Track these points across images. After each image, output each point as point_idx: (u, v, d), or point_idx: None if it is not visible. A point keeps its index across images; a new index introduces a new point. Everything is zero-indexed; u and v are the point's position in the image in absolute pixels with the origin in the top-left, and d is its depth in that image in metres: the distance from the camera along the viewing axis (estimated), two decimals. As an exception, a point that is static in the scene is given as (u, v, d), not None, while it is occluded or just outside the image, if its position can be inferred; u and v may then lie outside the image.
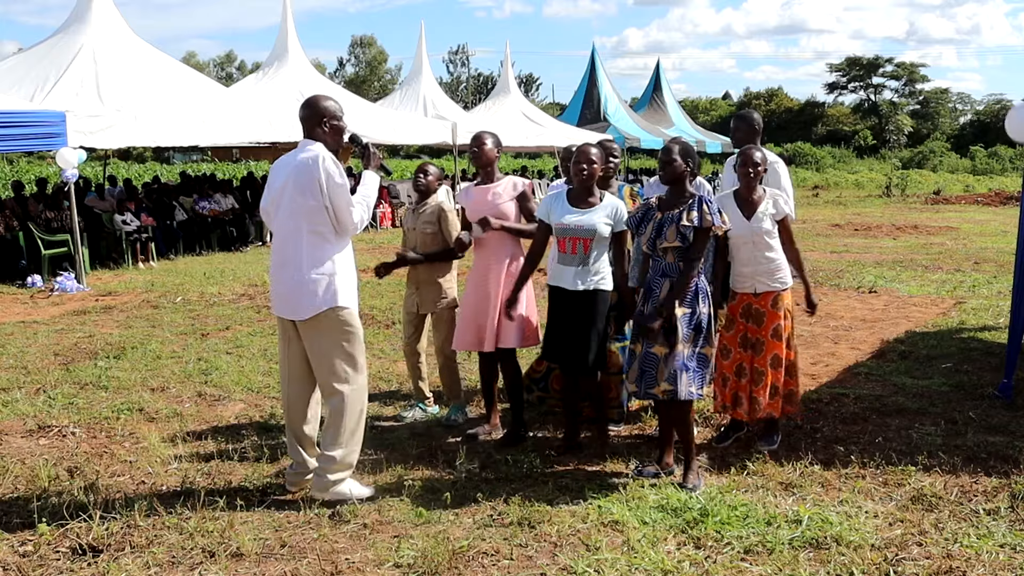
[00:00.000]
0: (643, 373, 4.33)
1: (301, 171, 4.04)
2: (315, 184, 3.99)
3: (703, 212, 4.26)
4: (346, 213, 4.03)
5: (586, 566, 3.51)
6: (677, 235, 4.26)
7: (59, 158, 10.89)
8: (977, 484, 4.35)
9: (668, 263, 4.32)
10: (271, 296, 4.35)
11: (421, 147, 36.74)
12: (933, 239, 16.34)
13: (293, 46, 19.12)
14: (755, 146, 4.89)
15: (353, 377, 4.15)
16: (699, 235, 4.28)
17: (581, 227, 4.60)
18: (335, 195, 4.00)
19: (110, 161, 21.62)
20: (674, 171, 4.36)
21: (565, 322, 4.69)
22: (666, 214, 4.33)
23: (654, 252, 4.35)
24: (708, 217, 4.25)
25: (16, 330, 8.50)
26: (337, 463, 4.13)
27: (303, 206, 4.03)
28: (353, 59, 70.81)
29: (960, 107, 68.44)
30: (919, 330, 8.05)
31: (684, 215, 4.27)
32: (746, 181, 4.76)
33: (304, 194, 4.02)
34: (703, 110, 65.23)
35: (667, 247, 4.29)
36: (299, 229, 4.06)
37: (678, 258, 4.29)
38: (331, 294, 4.06)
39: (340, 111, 4.20)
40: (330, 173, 3.99)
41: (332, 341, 4.10)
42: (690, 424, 4.51)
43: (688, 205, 4.30)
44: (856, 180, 39.40)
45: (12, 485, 4.47)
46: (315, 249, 4.06)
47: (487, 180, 5.11)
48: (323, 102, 4.17)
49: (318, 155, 4.02)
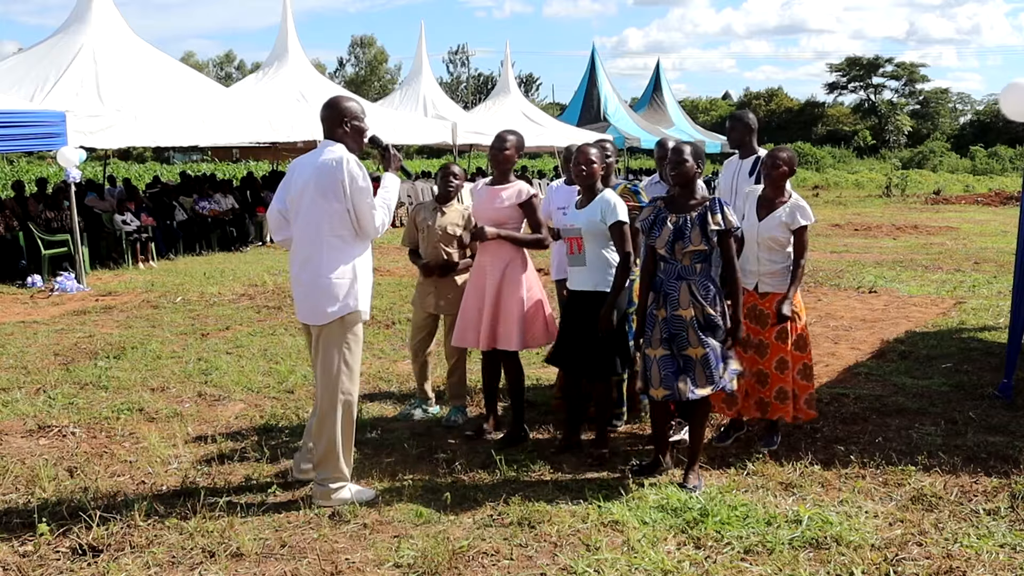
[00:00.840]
0: (680, 374, 4.24)
1: (324, 173, 3.96)
2: (338, 187, 3.92)
3: (726, 215, 4.24)
4: (368, 217, 3.97)
5: (586, 566, 3.51)
6: (703, 239, 4.21)
7: (60, 158, 10.89)
8: (977, 484, 4.35)
9: (684, 266, 4.26)
10: (295, 302, 4.26)
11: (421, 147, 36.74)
12: (933, 239, 16.34)
13: (293, 46, 19.13)
14: (783, 147, 4.91)
15: (348, 388, 4.12)
16: (725, 237, 4.25)
17: (570, 227, 4.67)
18: (358, 198, 3.94)
19: (110, 161, 21.62)
20: (686, 173, 4.31)
21: (574, 323, 4.70)
22: (682, 217, 4.27)
23: (672, 255, 4.28)
24: (731, 219, 4.25)
25: (16, 330, 8.50)
26: (336, 473, 4.12)
27: (325, 209, 3.96)
28: (353, 59, 70.87)
29: (960, 107, 68.49)
30: (919, 330, 8.05)
31: (709, 218, 4.22)
32: (773, 183, 4.76)
33: (326, 197, 3.95)
34: (703, 110, 65.25)
35: (690, 250, 4.23)
36: (319, 231, 3.99)
37: (694, 261, 4.25)
38: (351, 298, 4.01)
39: (362, 112, 4.15)
40: (354, 176, 3.93)
41: (338, 347, 4.06)
42: (705, 425, 4.51)
43: (707, 208, 4.25)
44: (856, 180, 39.38)
45: (12, 485, 4.47)
46: (336, 252, 3.99)
47: (499, 181, 5.09)
48: (344, 103, 4.12)
49: (342, 157, 3.95)
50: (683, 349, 4.25)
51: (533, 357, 6.63)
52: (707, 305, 4.22)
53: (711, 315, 4.22)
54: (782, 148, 4.89)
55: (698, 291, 4.23)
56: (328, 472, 4.12)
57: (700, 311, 4.22)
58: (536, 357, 6.61)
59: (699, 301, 4.22)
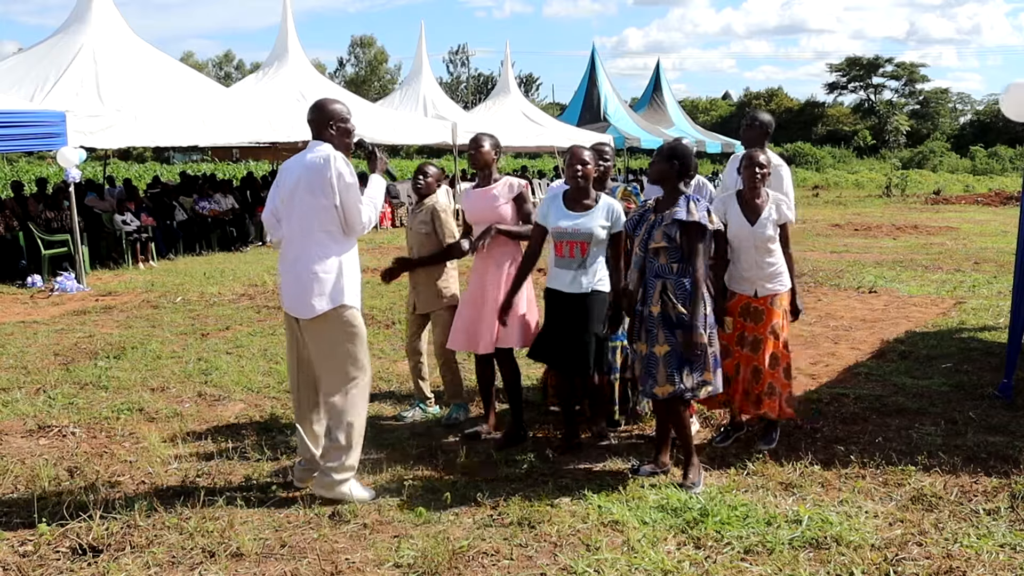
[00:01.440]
0: (647, 374, 4.34)
1: (312, 171, 4.06)
2: (326, 183, 4.02)
3: (689, 209, 4.24)
4: (355, 212, 4.06)
5: (586, 566, 3.51)
6: (664, 236, 4.25)
7: (60, 158, 10.89)
8: (977, 484, 4.35)
9: (661, 264, 4.31)
10: (281, 293, 4.37)
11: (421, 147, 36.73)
12: (933, 239, 16.34)
13: (293, 46, 19.12)
14: (760, 149, 4.91)
15: (356, 377, 4.16)
16: (685, 231, 4.24)
17: (578, 231, 4.60)
18: (345, 194, 4.03)
19: (110, 161, 21.62)
20: (658, 171, 4.37)
21: (562, 324, 4.70)
22: (659, 216, 4.34)
23: (647, 254, 4.34)
24: (695, 213, 4.23)
25: (16, 330, 8.50)
26: (342, 464, 4.14)
27: (314, 205, 4.06)
28: (353, 59, 70.87)
29: (960, 107, 68.50)
30: (919, 330, 8.05)
31: (675, 213, 4.27)
32: (751, 183, 4.77)
33: (315, 193, 4.04)
34: (703, 110, 65.27)
35: (657, 247, 4.29)
36: (309, 228, 4.09)
37: (670, 259, 4.28)
38: (337, 293, 4.09)
39: (347, 113, 4.24)
40: (341, 172, 4.03)
41: (336, 340, 4.12)
42: (685, 423, 4.50)
43: (678, 204, 4.30)
44: (856, 180, 39.40)
45: (12, 485, 4.47)
46: (323, 248, 4.09)
47: (485, 182, 5.11)
48: (331, 105, 4.21)
49: (329, 155, 4.05)
50: (652, 346, 4.31)
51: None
52: (679, 304, 4.24)
53: (682, 314, 4.23)
54: (759, 150, 4.87)
55: (673, 289, 4.26)
56: (337, 461, 4.14)
57: (671, 308, 4.24)
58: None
59: (670, 299, 4.25)
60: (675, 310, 4.25)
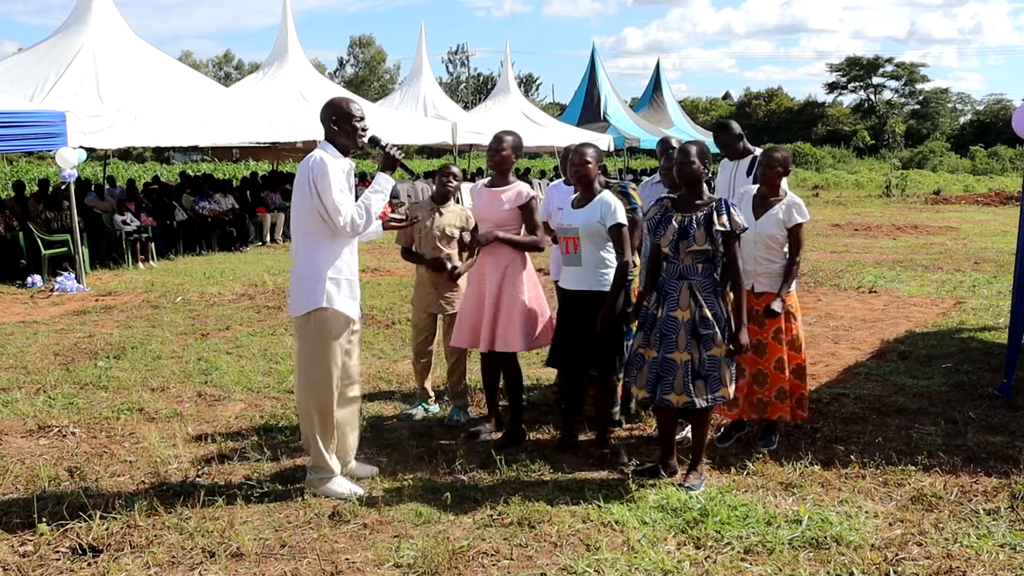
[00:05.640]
0: (659, 379, 4.25)
1: (300, 172, 4.14)
2: (306, 184, 4.06)
3: (732, 216, 4.22)
4: (333, 213, 4.02)
5: (586, 566, 3.51)
6: (707, 238, 4.19)
7: (59, 158, 10.88)
8: (977, 484, 4.35)
9: (686, 265, 4.25)
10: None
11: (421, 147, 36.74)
12: (933, 239, 16.33)
13: (293, 46, 19.11)
14: (779, 147, 4.96)
15: (318, 383, 4.15)
16: (730, 239, 4.23)
17: (567, 227, 4.69)
18: (322, 193, 4.02)
19: (110, 161, 21.61)
20: (693, 173, 4.29)
21: (570, 324, 4.70)
22: (687, 216, 4.26)
23: (676, 254, 4.27)
24: (737, 220, 4.23)
25: (16, 330, 8.50)
26: (313, 464, 4.27)
27: (302, 206, 4.12)
28: (353, 59, 70.81)
29: (960, 107, 68.51)
30: (919, 330, 8.05)
31: (715, 218, 4.20)
32: (768, 182, 4.78)
33: (301, 194, 4.11)
34: (703, 110, 65.29)
35: (693, 250, 4.22)
36: (299, 229, 4.17)
37: (696, 260, 4.24)
38: (317, 295, 4.10)
39: (358, 111, 4.23)
40: (316, 172, 4.02)
41: (308, 342, 4.16)
42: (707, 428, 4.51)
43: (714, 208, 4.23)
44: (856, 180, 39.36)
45: (12, 485, 4.47)
46: (308, 249, 4.13)
47: (499, 182, 5.08)
48: (340, 103, 4.25)
49: (314, 156, 4.10)
50: (669, 352, 4.23)
51: (533, 357, 6.62)
52: (706, 306, 4.21)
53: (707, 318, 4.20)
54: (777, 148, 4.93)
55: (699, 292, 4.23)
56: (313, 462, 4.26)
57: (697, 313, 4.21)
58: (536, 357, 6.61)
59: (699, 301, 4.21)
60: (701, 314, 4.19)
